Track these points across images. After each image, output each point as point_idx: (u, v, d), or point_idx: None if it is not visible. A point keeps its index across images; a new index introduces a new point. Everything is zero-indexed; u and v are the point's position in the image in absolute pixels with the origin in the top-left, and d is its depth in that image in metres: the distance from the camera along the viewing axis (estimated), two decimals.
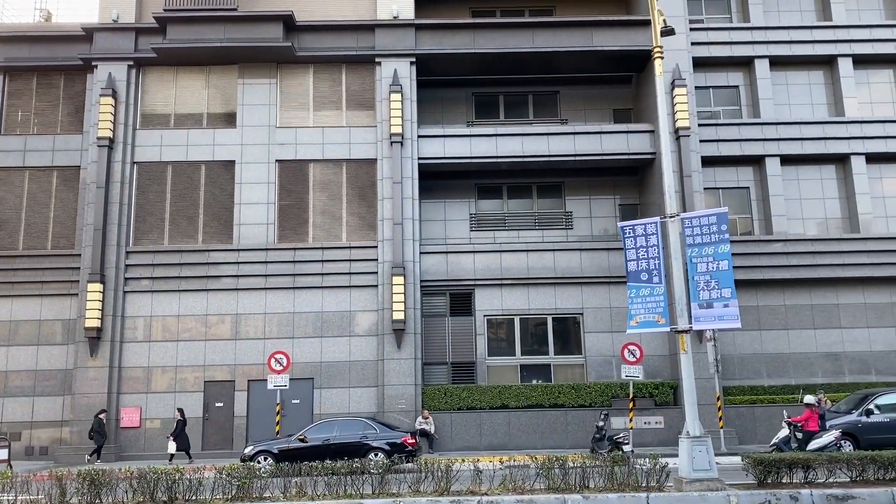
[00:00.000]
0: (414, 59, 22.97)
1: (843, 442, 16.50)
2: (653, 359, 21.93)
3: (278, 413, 20.03)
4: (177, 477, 10.86)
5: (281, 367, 19.78)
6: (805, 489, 10.58)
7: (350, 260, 22.22)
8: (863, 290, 22.74)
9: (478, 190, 24.41)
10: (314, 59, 23.35)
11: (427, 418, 20.71)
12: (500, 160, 22.84)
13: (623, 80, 24.84)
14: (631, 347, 19.97)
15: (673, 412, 20.85)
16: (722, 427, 20.04)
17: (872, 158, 23.45)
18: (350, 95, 23.60)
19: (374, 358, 21.72)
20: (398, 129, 22.30)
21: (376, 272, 21.99)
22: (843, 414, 17.85)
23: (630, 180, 24.31)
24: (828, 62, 24.18)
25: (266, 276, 22.09)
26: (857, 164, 23.29)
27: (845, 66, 23.91)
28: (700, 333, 20.23)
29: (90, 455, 19.96)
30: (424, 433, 20.34)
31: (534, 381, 22.31)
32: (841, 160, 23.62)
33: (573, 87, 24.87)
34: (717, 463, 11.75)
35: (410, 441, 17.81)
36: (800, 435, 16.10)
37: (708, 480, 10.99)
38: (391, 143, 22.32)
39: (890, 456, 11.13)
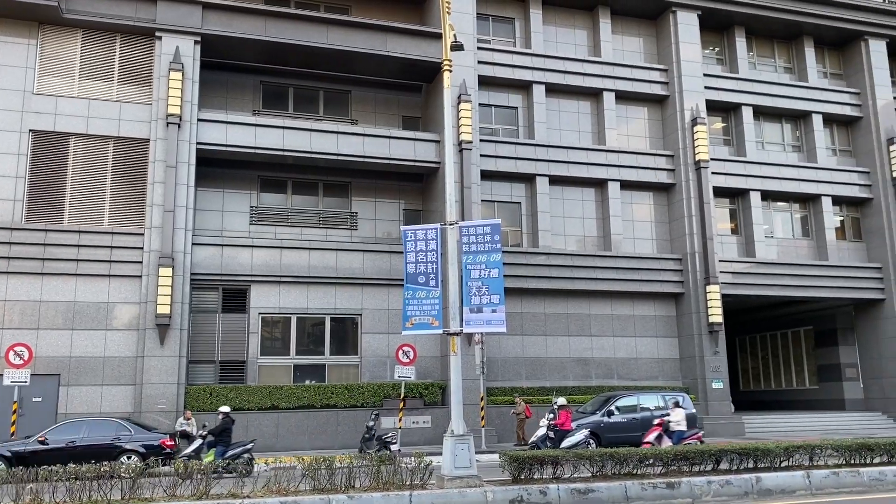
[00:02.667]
0: (199, 39, 21.66)
1: (590, 440, 18.16)
2: (426, 360, 22.60)
3: (14, 412, 17.76)
4: None
5: (21, 362, 17.55)
6: (553, 484, 11.42)
7: (112, 247, 20.37)
8: (611, 302, 25.25)
9: (261, 182, 23.59)
10: (84, 25, 21.18)
11: (189, 419, 19.53)
12: (286, 154, 22.26)
13: (414, 88, 25.42)
14: (405, 349, 20.43)
15: (440, 412, 21.62)
16: (484, 426, 21.14)
17: (626, 185, 26.14)
18: (124, 69, 21.72)
19: (133, 354, 20.08)
20: (176, 110, 20.87)
21: (141, 262, 20.38)
22: (589, 415, 19.67)
23: (415, 186, 24.90)
24: (595, 94, 26.60)
25: (9, 258, 19.56)
26: (613, 189, 25.84)
27: (609, 99, 26.46)
28: (470, 336, 21.22)
29: None
30: (185, 435, 19.15)
31: (307, 382, 21.98)
32: (600, 184, 26.05)
33: (365, 89, 24.98)
34: (477, 460, 12.32)
35: (169, 443, 16.74)
36: (553, 434, 17.47)
37: (468, 477, 11.48)
38: (167, 123, 20.84)
39: (625, 452, 12.40)
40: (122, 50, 21.73)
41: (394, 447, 17.78)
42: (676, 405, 17.99)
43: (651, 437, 16.70)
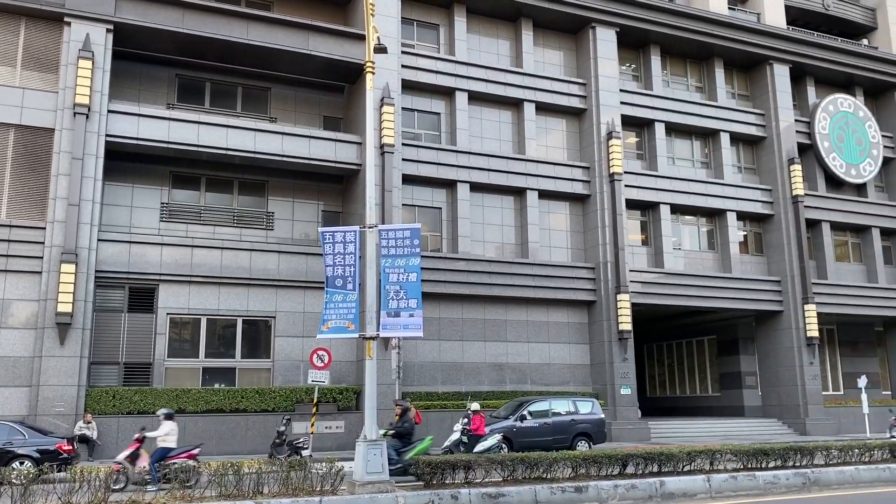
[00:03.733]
0: (111, 27, 20.78)
1: (503, 445, 18.32)
2: (341, 364, 22.34)
3: None
4: None
5: None
6: (465, 489, 11.47)
7: (9, 240, 19.25)
8: (526, 308, 25.64)
9: (173, 178, 22.81)
10: None
11: (90, 422, 18.65)
12: (201, 150, 21.60)
13: (336, 88, 25.16)
14: (320, 353, 20.13)
15: (354, 417, 21.39)
16: None
17: (544, 195, 26.64)
18: (28, 53, 20.61)
19: (30, 354, 19.01)
20: (84, 100, 19.94)
21: (42, 257, 19.33)
22: (503, 419, 19.87)
23: (335, 188, 24.62)
24: (516, 104, 27.01)
25: None
26: (532, 198, 26.29)
27: (530, 110, 26.92)
28: (386, 341, 21.11)
29: None
30: (85, 439, 18.28)
31: (216, 385, 21.34)
32: (519, 193, 26.45)
33: (286, 87, 24.56)
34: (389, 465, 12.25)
35: (66, 447, 15.87)
36: (466, 439, 17.56)
37: (380, 483, 11.38)
38: (75, 113, 19.87)
39: (535, 457, 12.59)
40: (27, 34, 20.63)
41: (305, 452, 17.50)
42: (168, 418, 14.25)
43: (122, 455, 14.15)
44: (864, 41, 35.13)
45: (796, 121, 30.99)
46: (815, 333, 28.58)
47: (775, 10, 32.23)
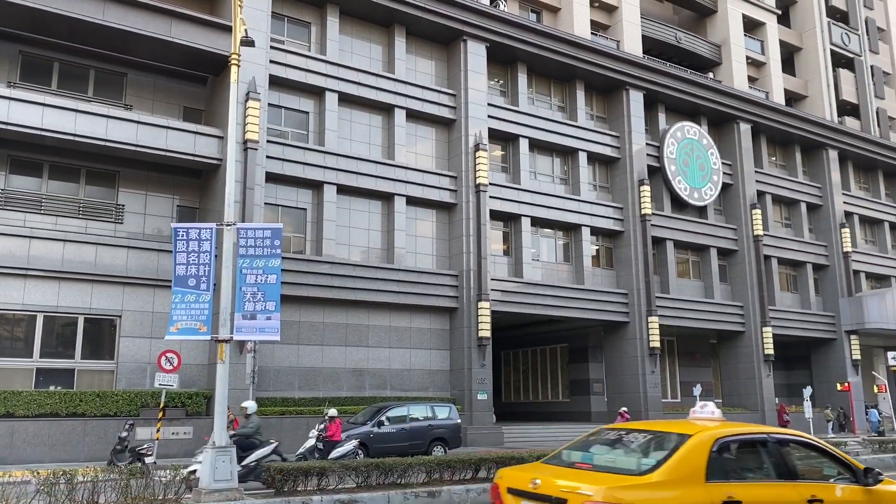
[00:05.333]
0: None
1: (359, 451, 18.18)
2: (191, 368, 21.36)
3: None
4: None
5: None
6: (317, 495, 11.28)
7: None
8: (390, 314, 25.66)
9: (11, 163, 20.98)
10: None
11: None
12: (45, 134, 19.98)
13: (199, 79, 24.12)
14: (169, 355, 19.11)
15: (204, 422, 20.48)
16: None
17: (411, 201, 26.81)
18: None
19: None
20: None
21: None
22: (360, 425, 19.75)
23: (193, 182, 23.56)
24: (387, 109, 27.04)
25: None
26: (399, 203, 26.37)
27: (400, 116, 27.03)
28: (241, 344, 20.41)
29: None
30: None
31: (52, 388, 19.78)
32: (387, 198, 26.46)
33: (144, 74, 23.26)
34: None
35: None
36: (321, 445, 17.26)
37: (228, 490, 10.97)
38: None
39: (390, 462, 12.59)
40: None
41: (149, 459, 16.53)
42: None
43: None
44: (711, 74, 38.11)
45: (647, 144, 33.06)
46: (657, 344, 30.55)
47: (633, 39, 34.28)
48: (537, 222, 29.99)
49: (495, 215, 28.43)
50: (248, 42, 13.39)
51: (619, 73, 32.11)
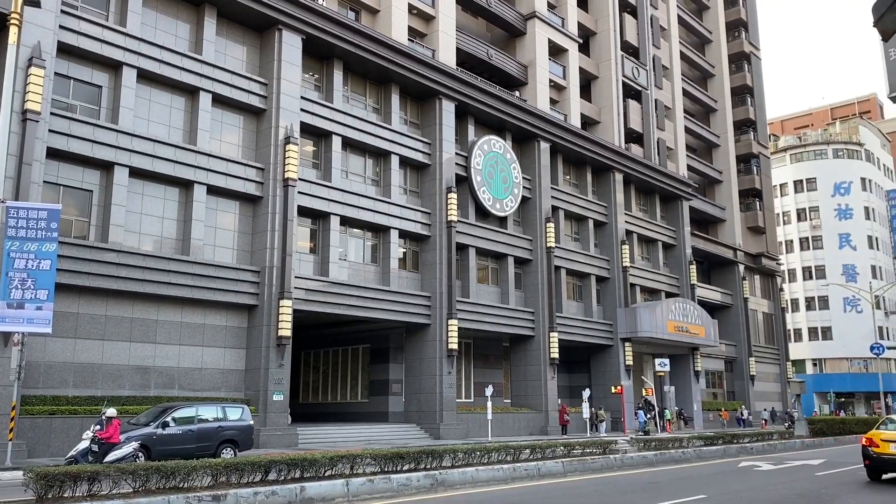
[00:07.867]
0: None
1: (140, 453, 16.93)
2: None
3: None
4: None
5: None
6: (87, 502, 10.33)
7: None
8: (182, 309, 24.23)
9: None
10: None
11: None
12: None
13: None
14: None
15: None
16: (11, 439, 18.25)
17: (213, 190, 25.53)
18: None
19: None
20: None
21: None
22: (142, 426, 18.41)
23: None
24: (191, 92, 25.55)
25: None
26: (199, 192, 25.00)
27: (205, 100, 25.66)
28: (7, 336, 18.21)
29: None
30: None
31: None
32: (186, 185, 24.97)
33: None
34: None
35: None
36: (96, 448, 15.88)
37: None
38: None
39: (172, 465, 11.82)
40: None
41: None
42: None
43: None
44: (517, 93, 40.23)
45: (457, 153, 34.17)
46: (455, 346, 31.60)
47: (448, 50, 35.29)
48: (346, 222, 29.85)
49: (303, 212, 27.90)
50: (33, 2, 12.03)
51: (432, 82, 32.86)
